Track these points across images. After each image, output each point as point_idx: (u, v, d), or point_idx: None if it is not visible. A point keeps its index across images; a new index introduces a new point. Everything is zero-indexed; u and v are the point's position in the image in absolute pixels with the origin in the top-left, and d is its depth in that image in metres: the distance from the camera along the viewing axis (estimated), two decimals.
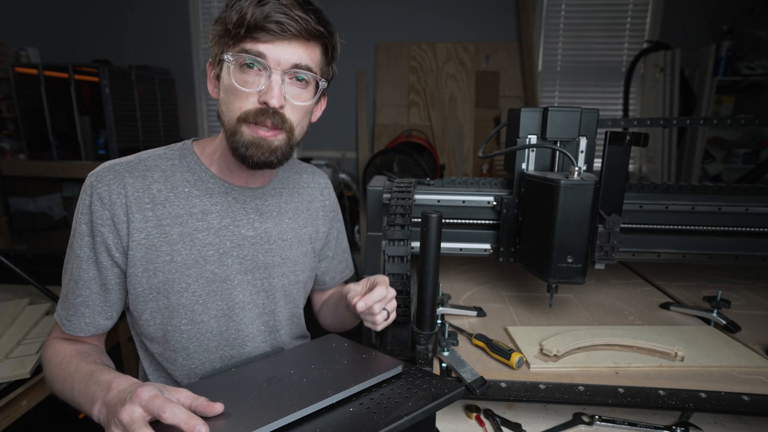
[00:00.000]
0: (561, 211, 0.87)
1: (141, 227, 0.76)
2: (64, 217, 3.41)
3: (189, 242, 0.79)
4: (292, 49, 0.71)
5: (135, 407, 0.53)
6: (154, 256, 0.77)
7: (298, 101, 0.75)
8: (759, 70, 3.04)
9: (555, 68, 3.62)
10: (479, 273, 1.39)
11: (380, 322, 0.76)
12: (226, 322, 0.84)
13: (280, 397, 0.59)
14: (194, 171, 0.82)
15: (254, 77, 0.72)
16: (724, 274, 1.37)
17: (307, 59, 0.73)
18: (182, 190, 0.80)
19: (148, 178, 0.78)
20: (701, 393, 0.79)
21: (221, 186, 0.83)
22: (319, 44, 0.75)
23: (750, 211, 1.05)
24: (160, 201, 0.78)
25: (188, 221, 0.79)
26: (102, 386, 0.63)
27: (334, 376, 0.65)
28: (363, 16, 3.62)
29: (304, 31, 0.70)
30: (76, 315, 0.78)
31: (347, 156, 3.84)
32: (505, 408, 0.88)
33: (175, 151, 0.84)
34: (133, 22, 3.75)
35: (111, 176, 0.76)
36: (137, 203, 0.76)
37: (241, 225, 0.84)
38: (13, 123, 3.27)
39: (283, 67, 0.71)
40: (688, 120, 1.15)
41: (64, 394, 0.72)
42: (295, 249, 0.92)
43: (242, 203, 0.84)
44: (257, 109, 0.72)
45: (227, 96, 0.75)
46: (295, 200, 0.93)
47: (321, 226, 0.99)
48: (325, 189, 1.01)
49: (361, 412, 0.57)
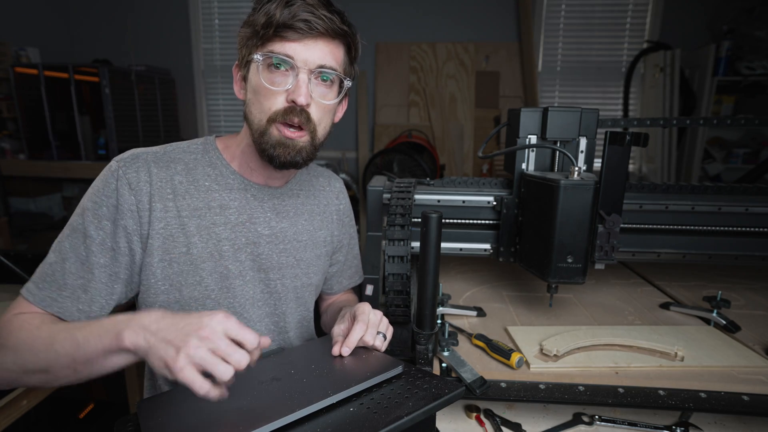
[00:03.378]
0: (561, 211, 0.87)
1: (161, 216, 0.77)
2: (64, 217, 3.41)
3: (206, 235, 0.80)
4: (319, 47, 0.74)
5: (218, 327, 0.55)
6: (171, 247, 0.77)
7: (324, 100, 0.77)
8: (759, 70, 3.04)
9: (555, 68, 3.62)
10: (479, 273, 1.39)
11: (380, 347, 0.75)
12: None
13: (281, 397, 0.59)
14: (216, 166, 0.83)
15: (282, 77, 0.74)
16: (724, 274, 1.37)
17: (331, 60, 0.75)
18: (203, 184, 0.81)
19: (171, 170, 0.79)
20: (701, 393, 0.79)
21: (241, 182, 0.84)
22: (342, 43, 0.77)
23: (750, 211, 1.05)
24: (181, 192, 0.79)
25: (206, 214, 0.80)
26: (123, 319, 0.60)
27: (335, 376, 0.65)
28: (363, 16, 3.62)
29: (330, 30, 0.73)
30: (72, 297, 0.72)
31: (347, 156, 3.84)
32: (505, 408, 0.88)
33: (198, 145, 0.85)
34: (133, 22, 3.75)
35: (140, 164, 0.77)
36: (159, 192, 0.77)
37: (258, 222, 0.85)
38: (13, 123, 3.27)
39: (309, 67, 0.73)
40: (688, 120, 1.15)
41: (51, 351, 0.64)
42: (309, 251, 0.92)
43: (260, 201, 0.86)
44: (286, 107, 0.74)
45: (256, 96, 0.77)
46: (311, 202, 0.94)
47: (335, 230, 0.99)
48: (341, 193, 1.02)
49: (361, 412, 0.58)
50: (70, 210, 3.40)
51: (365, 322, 0.74)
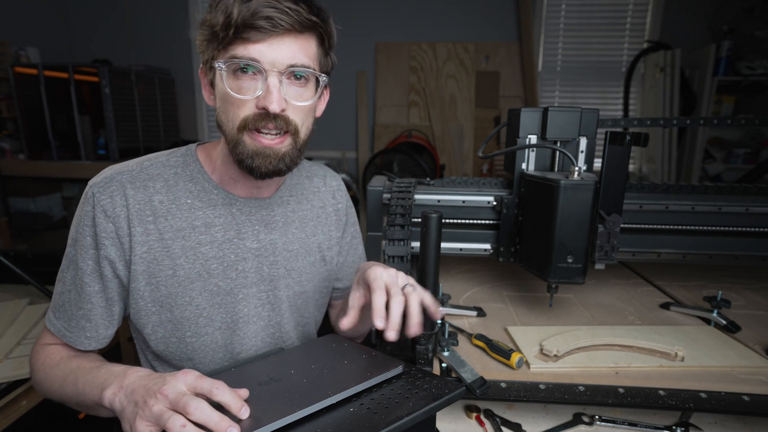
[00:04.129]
0: (561, 211, 0.87)
1: (143, 240, 0.73)
2: (63, 217, 3.41)
3: (192, 256, 0.76)
4: (287, 45, 0.67)
5: (179, 383, 0.53)
6: (157, 270, 0.75)
7: (300, 101, 0.71)
8: (759, 70, 3.04)
9: (555, 68, 3.63)
10: (479, 273, 1.39)
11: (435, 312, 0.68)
12: (230, 335, 0.82)
13: (280, 397, 0.59)
14: (197, 181, 0.79)
15: (250, 82, 0.68)
16: (724, 274, 1.37)
17: (303, 57, 0.68)
18: (185, 202, 0.77)
19: (150, 189, 0.75)
20: (701, 393, 0.78)
21: (225, 197, 0.79)
22: (313, 35, 0.71)
23: (750, 211, 1.05)
24: (162, 213, 0.75)
25: (191, 234, 0.76)
26: (115, 374, 0.61)
27: (334, 376, 0.64)
28: (363, 16, 3.62)
29: (297, 23, 0.66)
30: (78, 328, 0.76)
31: (347, 156, 3.84)
32: (505, 408, 0.88)
33: (178, 157, 0.80)
34: (133, 22, 3.75)
35: (114, 187, 0.73)
36: (138, 216, 0.73)
37: (245, 237, 0.80)
38: (13, 123, 3.27)
39: (278, 68, 0.67)
40: (688, 120, 1.15)
41: (63, 391, 0.70)
42: (301, 259, 0.88)
43: (247, 215, 0.81)
44: (256, 114, 0.68)
45: (224, 105, 0.71)
46: (303, 208, 0.89)
47: (333, 231, 0.94)
48: (338, 192, 0.97)
49: (362, 413, 0.57)
50: (69, 210, 3.40)
51: (382, 288, 0.66)
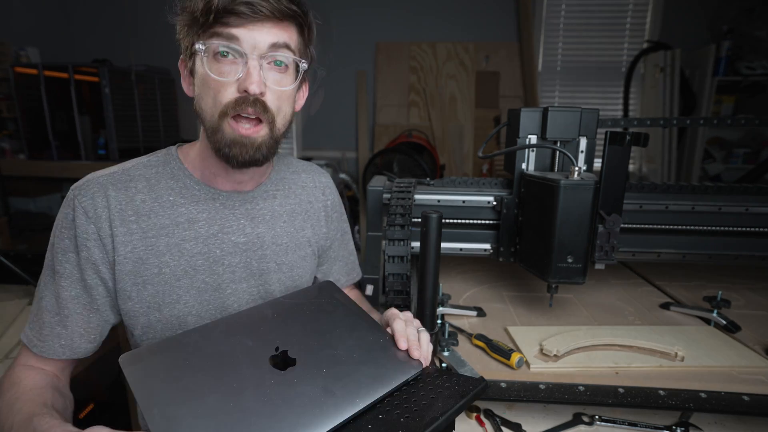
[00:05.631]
0: (561, 211, 0.87)
1: (126, 240, 0.73)
2: None
3: (177, 253, 0.75)
4: (267, 29, 0.67)
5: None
6: (142, 269, 0.74)
7: (280, 86, 0.71)
8: (759, 70, 3.04)
9: (555, 68, 3.62)
10: (479, 273, 1.39)
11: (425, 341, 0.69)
12: None
13: (295, 398, 0.53)
14: (178, 178, 0.78)
15: (230, 66, 0.68)
16: (724, 274, 1.37)
17: (284, 37, 0.69)
18: (167, 200, 0.76)
19: (131, 189, 0.75)
20: (701, 393, 0.79)
21: (207, 192, 0.79)
22: (293, 24, 0.71)
23: (750, 211, 1.05)
24: (145, 212, 0.74)
25: (174, 231, 0.76)
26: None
27: (349, 366, 0.59)
28: (363, 16, 3.62)
29: (277, 10, 0.66)
30: (52, 335, 0.73)
31: (347, 156, 3.84)
32: (505, 408, 0.88)
33: (159, 157, 0.80)
34: (133, 22, 3.75)
35: (95, 189, 0.73)
36: (120, 216, 0.73)
37: (230, 232, 0.80)
38: (13, 123, 3.27)
39: (259, 51, 0.67)
40: (688, 120, 1.15)
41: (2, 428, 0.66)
42: (291, 253, 0.88)
43: (231, 209, 0.81)
44: (238, 98, 0.68)
45: (204, 90, 0.71)
46: (291, 202, 0.89)
47: (323, 227, 0.95)
48: (327, 188, 0.97)
49: (392, 418, 0.54)
50: None
51: (401, 318, 0.69)
